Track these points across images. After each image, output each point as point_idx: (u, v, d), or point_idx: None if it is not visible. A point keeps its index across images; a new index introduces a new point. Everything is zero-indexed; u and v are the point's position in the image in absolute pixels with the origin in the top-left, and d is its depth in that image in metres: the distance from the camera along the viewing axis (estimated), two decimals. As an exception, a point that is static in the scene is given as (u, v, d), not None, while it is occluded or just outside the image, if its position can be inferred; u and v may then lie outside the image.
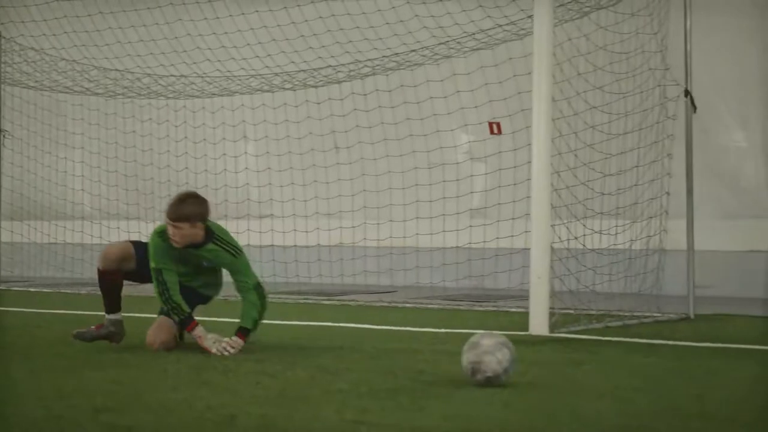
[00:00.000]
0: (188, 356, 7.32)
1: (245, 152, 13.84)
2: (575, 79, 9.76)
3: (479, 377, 6.05)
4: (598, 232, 10.32)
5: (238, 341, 7.37)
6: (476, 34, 10.76)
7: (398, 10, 10.88)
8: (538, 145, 8.82)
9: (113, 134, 14.41)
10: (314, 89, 12.73)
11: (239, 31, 11.92)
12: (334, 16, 11.31)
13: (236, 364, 6.97)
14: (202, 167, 13.78)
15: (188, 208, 7.26)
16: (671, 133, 10.51)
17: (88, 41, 12.78)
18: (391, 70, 11.86)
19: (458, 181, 12.40)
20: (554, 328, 8.92)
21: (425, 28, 10.98)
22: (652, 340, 8.49)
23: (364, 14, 11.14)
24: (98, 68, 13.11)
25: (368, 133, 12.75)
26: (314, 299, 12.11)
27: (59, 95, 14.14)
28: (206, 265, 7.45)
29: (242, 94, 13.08)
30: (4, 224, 15.35)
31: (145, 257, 7.44)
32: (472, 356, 6.09)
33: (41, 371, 6.65)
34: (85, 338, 7.63)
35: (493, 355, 6.09)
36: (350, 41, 11.46)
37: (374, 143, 12.75)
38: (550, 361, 7.36)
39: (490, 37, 10.75)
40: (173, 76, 12.73)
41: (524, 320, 9.05)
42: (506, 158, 11.60)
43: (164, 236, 7.32)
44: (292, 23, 11.50)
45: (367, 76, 12.08)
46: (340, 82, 12.36)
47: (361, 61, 11.69)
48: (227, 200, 13.73)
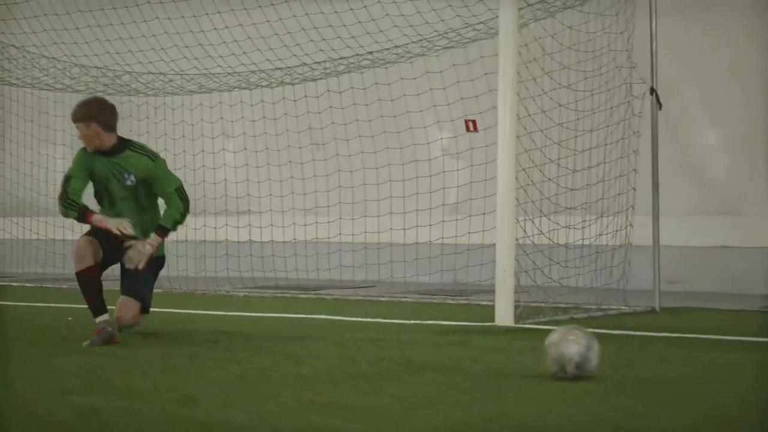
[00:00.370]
0: (159, 345, 7.56)
1: (223, 149, 14.05)
2: (543, 77, 9.99)
3: (570, 369, 5.90)
4: (566, 227, 10.54)
5: (156, 239, 7.56)
6: (447, 33, 10.98)
7: (370, 9, 11.10)
8: (503, 141, 9.05)
9: (94, 131, 14.57)
10: (291, 87, 12.94)
11: (215, 29, 12.13)
12: (307, 15, 11.52)
13: (205, 350, 7.21)
14: (180, 163, 13.93)
15: (81, 109, 7.50)
16: (637, 129, 10.74)
17: (68, 39, 12.96)
18: (365, 68, 12.08)
19: (431, 177, 12.62)
20: (519, 319, 9.15)
21: (396, 27, 11.20)
22: (612, 330, 8.72)
23: (336, 13, 11.36)
24: (79, 66, 13.28)
25: (344, 129, 12.98)
26: (291, 293, 12.33)
27: (41, 92, 14.32)
28: (129, 183, 7.50)
29: (220, 91, 13.29)
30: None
31: (104, 234, 7.48)
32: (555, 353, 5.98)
33: (13, 359, 6.88)
34: (96, 344, 7.45)
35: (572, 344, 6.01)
36: (323, 39, 11.67)
37: (349, 140, 12.97)
38: (508, 348, 7.60)
39: (461, 36, 10.98)
40: (152, 73, 12.93)
41: (492, 312, 9.28)
42: (478, 154, 11.82)
43: (87, 152, 7.53)
44: (266, 21, 11.71)
45: (342, 73, 12.30)
46: (315, 79, 12.57)
47: (335, 59, 11.91)
48: (205, 196, 13.91)
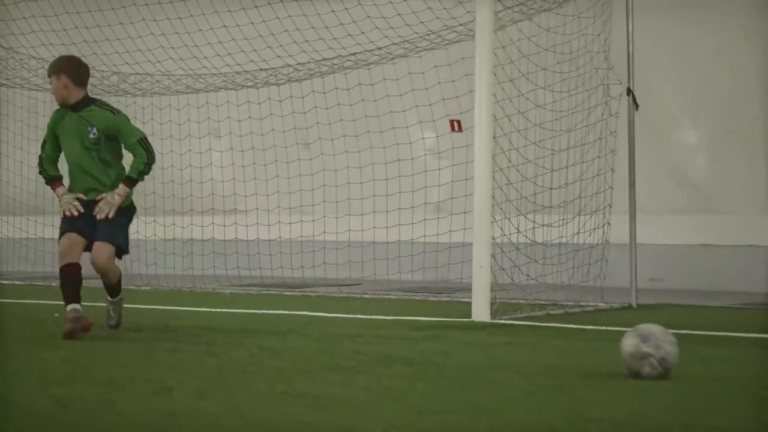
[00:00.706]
0: (141, 340, 7.76)
1: (210, 148, 14.24)
2: (520, 79, 10.19)
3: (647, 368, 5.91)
4: (544, 225, 10.74)
5: (124, 188, 7.90)
6: (428, 35, 11.19)
7: (351, 11, 11.30)
8: (480, 142, 9.26)
9: (83, 130, 14.75)
10: (276, 87, 13.13)
11: (200, 30, 12.31)
12: (290, 16, 11.72)
13: (186, 345, 7.40)
14: (168, 163, 14.14)
15: (54, 63, 8.08)
16: (615, 129, 10.94)
17: (56, 40, 13.12)
18: (348, 69, 12.27)
19: (413, 176, 12.82)
20: (496, 315, 9.35)
21: (377, 29, 11.40)
22: (585, 326, 8.93)
23: (318, 15, 11.55)
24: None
25: (328, 129, 13.17)
26: (276, 291, 12.52)
27: (30, 93, 14.49)
28: (92, 136, 7.89)
29: (207, 91, 13.47)
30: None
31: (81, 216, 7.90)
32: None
33: (-1, 351, 7.09)
34: (73, 336, 7.64)
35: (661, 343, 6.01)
36: (306, 41, 11.87)
37: (334, 139, 13.17)
38: (482, 343, 7.80)
39: (441, 38, 11.18)
40: (139, 74, 13.12)
41: (470, 309, 9.47)
42: (459, 154, 12.02)
43: (59, 113, 8.07)
44: (250, 23, 11.91)
45: (325, 74, 12.49)
46: (300, 80, 12.76)
47: (318, 60, 12.10)
48: (193, 195, 14.12)
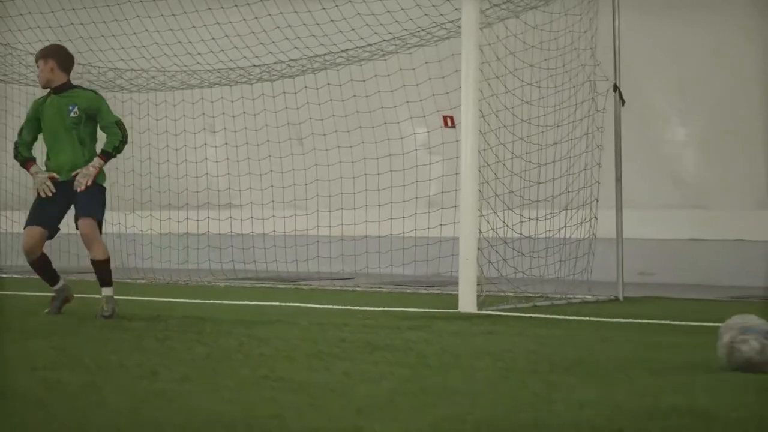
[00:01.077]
0: (133, 329, 7.95)
1: (205, 143, 14.42)
2: (507, 75, 10.37)
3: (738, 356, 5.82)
4: (532, 219, 10.91)
5: (99, 161, 8.65)
6: (418, 31, 11.37)
7: (342, 8, 11.47)
8: (466, 137, 9.45)
9: (79, 126, 14.93)
10: (269, 83, 13.31)
11: (194, 27, 12.50)
12: (281, 13, 11.90)
13: (176, 334, 7.59)
14: (164, 158, 14.35)
15: (43, 49, 8.88)
16: (601, 125, 11.11)
17: (53, 37, 13.25)
18: (340, 65, 12.46)
19: (405, 171, 13.00)
20: (482, 306, 9.54)
21: (367, 25, 11.58)
22: (569, 316, 9.12)
23: (309, 12, 11.74)
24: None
25: (320, 125, 13.36)
26: (270, 284, 12.71)
27: (27, 88, 14.66)
28: (72, 115, 8.56)
29: (202, 87, 13.65)
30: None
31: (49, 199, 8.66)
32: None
33: (-7, 339, 7.29)
34: (54, 312, 8.84)
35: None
36: (298, 37, 12.05)
37: (326, 135, 13.35)
38: (465, 332, 7.99)
39: (431, 34, 11.36)
40: (134, 70, 13.31)
41: (457, 301, 9.66)
42: (450, 149, 12.19)
43: (40, 100, 8.79)
44: (243, 20, 12.09)
45: (318, 71, 12.67)
46: (293, 76, 12.95)
47: (310, 56, 12.28)
48: (188, 189, 14.31)
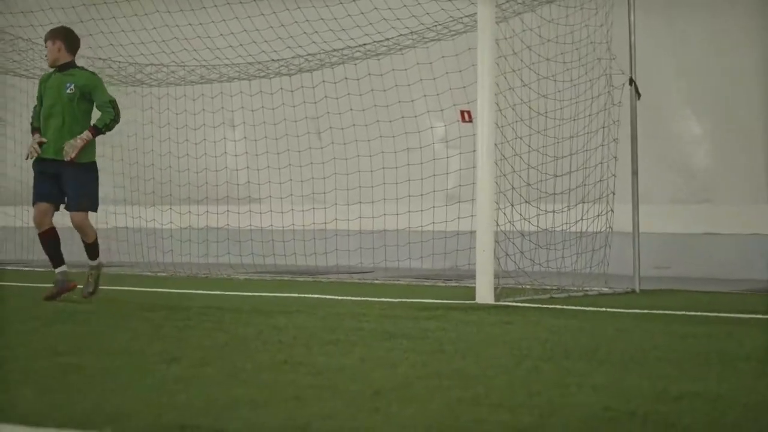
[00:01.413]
0: (153, 318, 8.07)
1: (224, 137, 14.53)
2: (524, 69, 10.45)
3: None
4: (549, 212, 10.99)
5: (88, 134, 9.09)
6: (435, 26, 11.45)
7: (358, 2, 11.57)
8: (482, 130, 9.52)
9: (100, 120, 15.06)
10: (288, 77, 13.41)
11: (213, 22, 12.61)
12: (299, 8, 12.00)
13: (196, 323, 7.70)
14: (183, 152, 14.47)
15: (52, 30, 9.57)
16: (617, 119, 11.18)
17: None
18: (358, 59, 12.55)
19: (422, 164, 13.08)
20: (499, 298, 9.61)
21: (384, 20, 11.67)
22: (586, 307, 9.18)
23: (327, 6, 11.83)
24: (85, 57, 13.76)
25: (339, 119, 13.45)
26: (289, 277, 12.81)
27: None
28: (69, 91, 9.15)
29: (221, 82, 13.76)
30: (1, 209, 16.09)
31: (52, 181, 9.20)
32: None
33: (15, 328, 7.40)
34: (53, 298, 9.27)
35: None
36: (316, 32, 12.15)
37: (344, 128, 13.43)
38: (482, 322, 8.07)
39: (448, 29, 11.45)
40: (154, 65, 13.42)
41: (475, 293, 9.73)
42: (468, 142, 12.26)
43: (45, 76, 9.48)
44: (261, 15, 12.20)
45: (336, 65, 12.77)
46: (311, 70, 13.04)
47: (328, 51, 12.38)
48: (208, 183, 14.42)
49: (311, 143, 13.85)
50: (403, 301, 9.72)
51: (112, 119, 9.10)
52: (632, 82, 11.18)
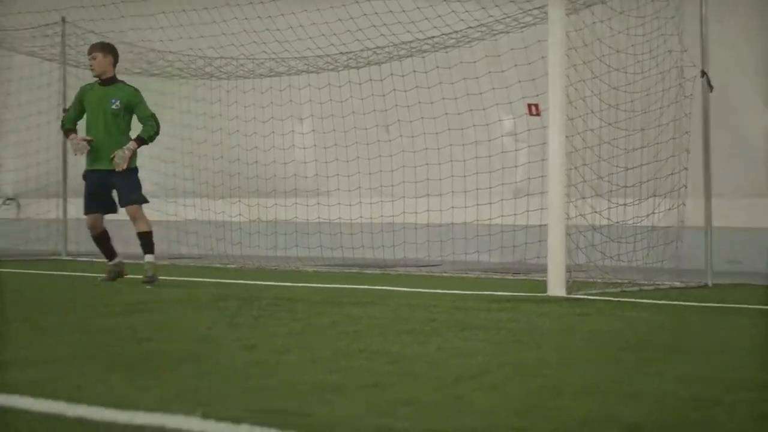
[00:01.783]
0: (227, 308, 8.14)
1: (293, 130, 14.59)
2: (594, 61, 10.40)
3: None
4: (620, 205, 10.93)
5: (133, 144, 9.99)
6: (504, 18, 11.43)
7: (428, -5, 11.61)
8: (554, 123, 9.49)
9: (170, 113, 15.18)
10: (356, 70, 13.44)
11: (282, 15, 12.68)
12: (368, 1, 12.03)
13: (270, 312, 7.77)
14: (252, 144, 14.56)
15: (101, 43, 10.47)
16: (689, 111, 11.09)
17: (144, 25, 13.62)
18: (426, 52, 12.55)
19: (491, 157, 13.06)
20: (571, 291, 9.58)
21: (453, 12, 11.67)
22: (658, 301, 9.13)
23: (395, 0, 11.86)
24: (155, 51, 13.92)
25: (407, 111, 13.45)
26: (357, 269, 12.85)
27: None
28: (114, 107, 9.98)
29: (289, 75, 13.83)
30: (70, 201, 16.25)
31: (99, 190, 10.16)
32: None
33: (97, 315, 7.52)
34: (108, 280, 10.39)
35: None
36: (384, 24, 12.17)
37: (413, 121, 13.44)
38: (554, 313, 8.05)
39: (517, 21, 11.43)
40: (223, 58, 13.53)
41: (546, 286, 9.71)
42: (536, 135, 12.24)
43: (87, 86, 10.27)
44: (330, 8, 12.24)
45: (404, 57, 12.77)
46: (379, 63, 13.06)
47: (396, 44, 12.39)
48: (276, 176, 14.50)
49: (379, 136, 13.87)
50: (473, 293, 9.72)
51: (155, 132, 10.05)
52: (704, 74, 11.08)
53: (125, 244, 11.34)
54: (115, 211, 10.25)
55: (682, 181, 11.10)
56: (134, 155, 10.01)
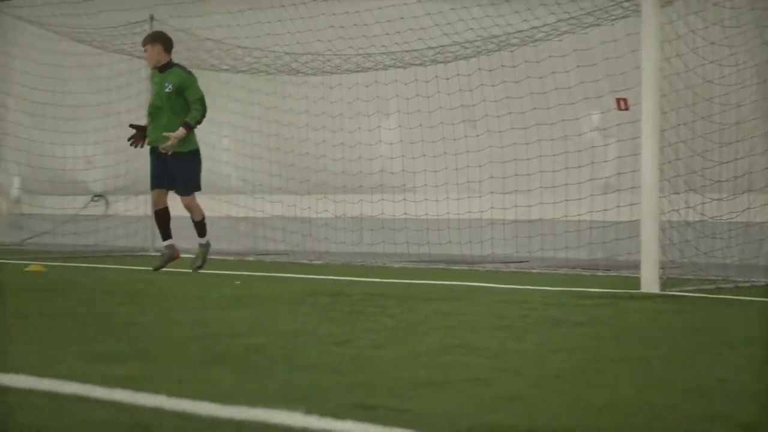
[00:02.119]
0: (318, 303, 8.11)
1: (379, 126, 14.53)
2: (688, 54, 10.21)
3: None
4: (714, 200, 10.73)
5: (182, 131, 10.27)
6: (594, 11, 11.27)
7: (518, -12, 11.47)
8: (647, 117, 9.33)
9: (257, 110, 15.24)
10: (443, 65, 13.34)
11: (369, 10, 12.63)
12: (457, -7, 11.95)
13: (360, 307, 7.72)
14: (338, 140, 14.54)
15: (149, 35, 10.80)
16: (784, 105, 10.86)
17: (231, 21, 13.64)
18: (514, 46, 12.42)
19: (580, 152, 12.90)
20: (665, 287, 9.41)
21: (544, 5, 11.53)
22: (755, 298, 8.93)
23: (485, -8, 11.75)
24: (242, 48, 13.95)
25: (494, 106, 13.33)
26: (444, 265, 12.77)
27: (206, 73, 15.02)
28: (167, 90, 10.36)
29: (376, 70, 13.76)
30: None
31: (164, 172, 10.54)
32: None
33: (191, 311, 7.53)
34: (161, 268, 10.73)
35: None
36: (473, 18, 12.06)
37: (500, 116, 13.30)
38: (652, 310, 7.93)
39: (608, 13, 11.25)
40: (310, 53, 13.51)
41: (639, 283, 9.54)
42: (626, 130, 12.06)
43: (152, 73, 10.68)
44: (418, 1, 12.17)
45: (492, 52, 12.64)
46: (467, 58, 12.95)
47: (485, 38, 12.28)
48: (362, 172, 14.46)
49: (467, 131, 13.76)
50: (564, 290, 9.60)
51: (201, 115, 10.35)
52: (801, 66, 10.84)
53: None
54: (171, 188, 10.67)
55: (777, 175, 10.89)
56: (191, 137, 10.40)
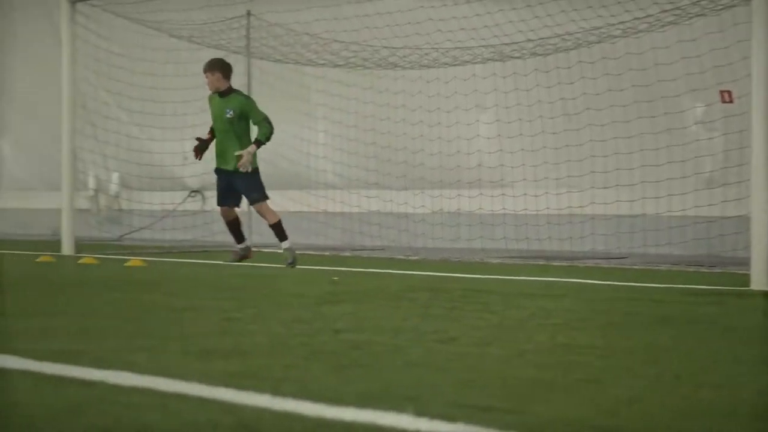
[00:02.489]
0: (418, 299, 7.97)
1: (477, 120, 14.35)
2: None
3: None
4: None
5: (253, 147, 11.02)
6: (700, 1, 10.98)
7: (623, -21, 11.21)
8: (758, 108, 9.04)
9: (353, 104, 15.14)
10: (543, 58, 13.12)
11: (468, 2, 12.46)
12: (558, -16, 11.73)
13: (462, 304, 7.56)
14: (435, 135, 14.39)
15: (209, 63, 11.36)
16: None
17: (328, 16, 13.57)
18: (616, 37, 12.15)
19: (684, 146, 12.60)
20: (777, 285, 9.11)
21: (649, -6, 11.30)
22: None
23: (588, -17, 11.51)
24: (339, 42, 13.87)
25: (595, 100, 13.08)
26: (544, 261, 12.56)
27: (303, 68, 14.97)
28: (228, 116, 11.03)
29: (474, 63, 13.58)
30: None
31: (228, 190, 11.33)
32: None
33: (283, 307, 7.43)
34: (234, 261, 11.59)
35: None
36: (575, 9, 11.84)
37: (601, 110, 13.05)
38: (764, 308, 7.65)
39: (714, 2, 10.95)
40: (408, 47, 13.37)
41: (747, 280, 9.26)
42: (733, 123, 11.75)
43: (211, 96, 11.32)
44: (518, -7, 11.99)
45: (593, 44, 12.40)
46: (567, 50, 12.72)
47: (586, 29, 12.03)
48: (460, 166, 14.29)
49: (566, 125, 13.52)
50: (670, 286, 9.34)
51: (270, 132, 10.99)
52: None
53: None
54: (239, 204, 11.41)
55: None
56: (254, 156, 11.05)
